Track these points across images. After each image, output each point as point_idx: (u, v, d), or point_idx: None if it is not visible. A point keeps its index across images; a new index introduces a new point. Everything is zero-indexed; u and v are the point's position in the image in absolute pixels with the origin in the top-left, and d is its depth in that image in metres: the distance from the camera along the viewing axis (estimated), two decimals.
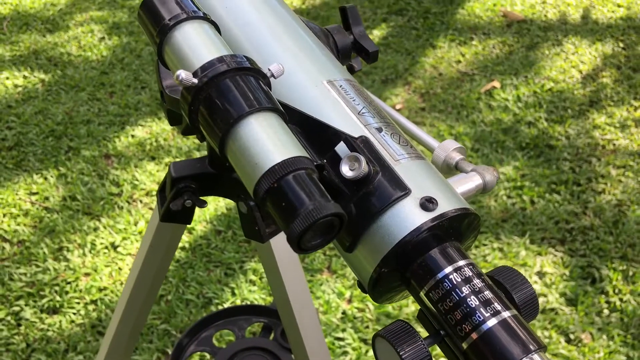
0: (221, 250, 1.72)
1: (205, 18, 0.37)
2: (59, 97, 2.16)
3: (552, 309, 1.60)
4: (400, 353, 0.32)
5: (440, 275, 0.34)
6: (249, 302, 1.61)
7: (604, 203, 1.84)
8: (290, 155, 0.33)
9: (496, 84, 2.24)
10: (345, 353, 1.52)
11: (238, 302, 1.61)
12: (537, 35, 2.49)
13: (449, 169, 0.43)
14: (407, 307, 1.61)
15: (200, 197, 0.60)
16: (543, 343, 0.33)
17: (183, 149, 1.98)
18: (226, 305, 1.61)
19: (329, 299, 1.63)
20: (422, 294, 0.35)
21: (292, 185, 0.32)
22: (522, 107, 2.15)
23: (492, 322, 0.32)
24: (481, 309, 0.33)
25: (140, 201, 1.83)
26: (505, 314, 0.33)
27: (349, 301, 1.63)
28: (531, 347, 0.32)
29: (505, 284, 0.35)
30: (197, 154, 1.96)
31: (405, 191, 0.35)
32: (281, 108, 0.35)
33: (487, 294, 0.33)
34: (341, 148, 0.36)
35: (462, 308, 0.33)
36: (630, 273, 1.67)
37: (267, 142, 0.33)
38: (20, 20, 2.52)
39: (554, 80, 2.27)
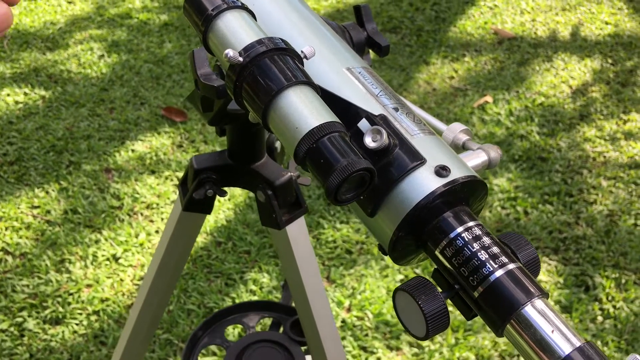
0: (221, 261, 1.74)
1: (244, 7, 0.42)
2: (60, 113, 2.19)
3: None
4: (420, 303, 0.36)
5: (452, 234, 0.38)
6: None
7: (596, 213, 1.88)
8: (325, 120, 0.37)
9: (489, 98, 2.30)
10: None
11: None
12: (527, 51, 2.56)
13: (457, 149, 0.47)
14: None
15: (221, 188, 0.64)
16: (545, 290, 0.37)
17: (182, 163, 2.01)
18: None
19: None
20: (437, 252, 0.39)
21: (328, 145, 0.36)
22: (515, 121, 2.21)
23: (499, 273, 0.36)
24: (490, 262, 0.37)
25: (141, 214, 1.85)
26: (511, 266, 0.37)
27: (348, 310, 1.66)
28: (535, 292, 0.36)
29: (511, 245, 0.39)
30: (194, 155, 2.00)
31: (421, 160, 0.39)
32: (314, 83, 0.40)
33: (495, 249, 0.37)
34: (363, 124, 0.40)
35: (473, 262, 0.37)
36: (623, 281, 1.71)
37: (304, 110, 0.37)
38: (20, 38, 2.57)
39: (544, 95, 2.33)
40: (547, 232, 1.83)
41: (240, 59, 0.38)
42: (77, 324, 1.59)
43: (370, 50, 0.54)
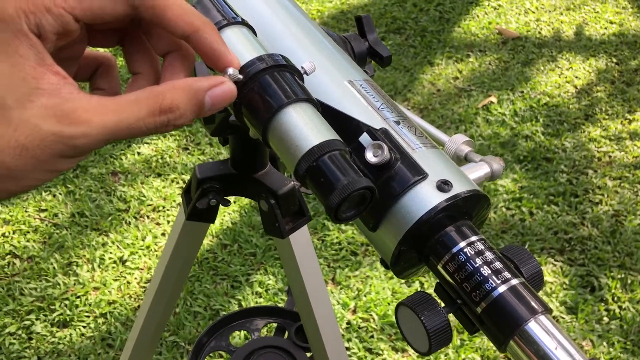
0: (227, 264, 1.75)
1: (244, 23, 0.42)
2: None
3: (553, 317, 1.64)
4: (422, 319, 0.36)
5: (455, 249, 0.38)
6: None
7: (601, 213, 1.88)
8: (325, 138, 0.38)
9: (493, 99, 2.30)
10: None
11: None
12: (532, 51, 2.55)
13: (459, 160, 0.47)
14: None
15: (224, 197, 0.64)
16: (549, 306, 0.37)
17: (188, 166, 2.02)
18: None
19: (334, 309, 1.66)
20: (439, 266, 0.39)
21: (328, 164, 0.36)
22: (519, 121, 2.21)
23: (502, 289, 0.37)
24: (493, 277, 0.37)
25: (147, 216, 1.86)
26: (514, 281, 0.37)
27: (354, 312, 1.66)
28: (538, 309, 0.36)
29: (514, 259, 0.39)
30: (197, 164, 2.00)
31: (422, 175, 0.40)
32: (315, 99, 0.40)
33: (498, 264, 0.37)
34: (364, 138, 0.41)
35: (475, 277, 0.37)
36: (629, 281, 1.71)
37: (304, 128, 0.38)
38: None
39: (549, 95, 2.33)
40: (552, 232, 1.83)
41: (240, 76, 0.39)
42: (84, 327, 1.60)
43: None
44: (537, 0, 2.87)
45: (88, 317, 1.62)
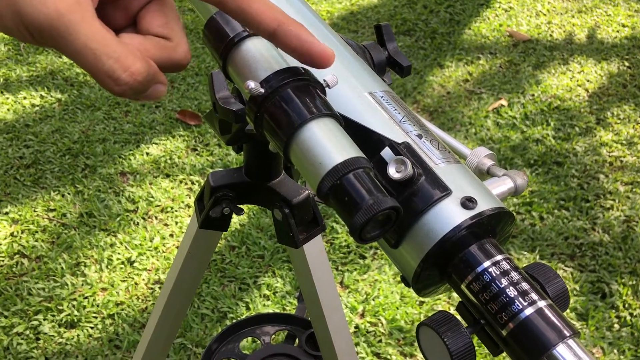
0: (235, 266, 1.74)
1: None
2: (76, 116, 2.20)
3: None
4: (445, 340, 0.35)
5: (479, 269, 0.37)
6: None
7: (613, 219, 1.86)
8: (349, 155, 0.36)
9: (503, 102, 2.28)
10: None
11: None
12: (543, 54, 2.53)
13: (481, 174, 0.46)
14: (420, 321, 1.63)
15: (237, 205, 0.63)
16: (577, 329, 0.36)
17: (197, 167, 2.01)
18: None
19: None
20: (462, 286, 0.38)
21: (353, 182, 0.35)
22: (530, 125, 2.19)
23: (529, 311, 0.36)
24: (519, 299, 0.36)
25: (156, 217, 1.86)
26: (541, 304, 0.36)
27: (362, 315, 1.65)
28: (566, 332, 0.35)
29: (539, 278, 0.38)
30: (211, 171, 2.00)
31: (446, 191, 0.39)
32: (338, 114, 0.39)
33: (524, 285, 0.36)
34: (386, 153, 0.40)
35: (501, 298, 0.36)
36: None
37: (328, 144, 0.37)
38: None
39: (560, 99, 2.31)
40: (562, 238, 1.82)
41: (262, 90, 0.38)
42: (92, 328, 1.60)
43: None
44: (549, 2, 2.85)
45: (96, 317, 1.61)
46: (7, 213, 1.85)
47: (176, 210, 1.88)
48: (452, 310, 1.67)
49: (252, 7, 0.37)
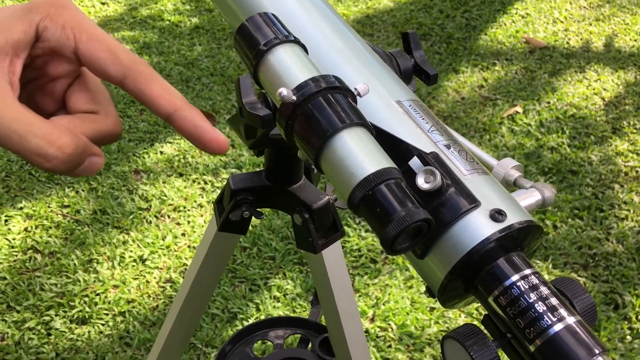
0: (246, 267, 1.74)
1: (296, 41, 0.41)
2: None
3: None
4: (472, 353, 0.35)
5: (507, 282, 0.37)
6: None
7: (627, 229, 1.85)
8: (381, 166, 0.36)
9: (519, 108, 2.27)
10: None
11: (262, 318, 1.63)
12: (559, 62, 2.52)
13: (508, 185, 0.46)
14: (430, 327, 1.62)
15: (257, 209, 0.63)
16: (606, 347, 0.35)
17: (210, 167, 2.02)
18: (250, 320, 1.63)
19: None
20: (490, 299, 0.38)
21: (385, 193, 0.35)
22: (545, 133, 2.18)
23: (558, 327, 0.35)
24: (548, 314, 0.35)
25: (168, 216, 1.86)
26: (571, 320, 0.36)
27: (372, 320, 1.65)
28: (596, 350, 0.35)
29: (567, 293, 0.37)
30: (224, 171, 2.00)
31: (475, 203, 0.38)
32: (369, 123, 0.39)
33: (553, 300, 0.36)
34: (415, 163, 0.39)
35: (530, 313, 0.36)
36: None
37: (360, 154, 0.37)
38: None
39: (576, 107, 2.30)
40: (576, 247, 1.80)
41: (294, 97, 0.38)
42: (103, 325, 1.60)
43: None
44: (566, 10, 2.84)
45: (107, 314, 1.62)
46: (21, 208, 1.86)
47: (189, 210, 1.88)
48: (463, 318, 1.67)
49: (149, 90, 0.39)
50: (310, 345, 0.96)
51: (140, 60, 0.40)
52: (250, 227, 1.87)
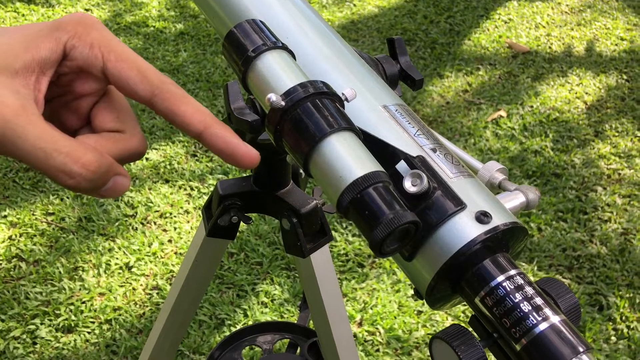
0: (233, 272, 1.74)
1: (284, 47, 0.41)
2: None
3: None
4: (459, 353, 0.35)
5: (493, 283, 0.38)
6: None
7: (610, 231, 1.87)
8: (369, 170, 0.37)
9: (503, 113, 2.29)
10: None
11: (250, 324, 1.63)
12: (542, 66, 2.55)
13: (493, 188, 0.47)
14: (417, 331, 1.63)
15: (245, 214, 0.64)
16: (590, 345, 0.36)
17: (196, 172, 2.01)
18: (238, 326, 1.63)
19: None
20: (476, 300, 0.38)
21: (373, 196, 0.36)
22: (528, 136, 2.20)
23: (543, 326, 0.36)
24: (533, 314, 0.36)
25: (154, 223, 1.86)
26: (555, 319, 0.36)
27: (360, 324, 1.65)
28: (580, 348, 0.35)
29: (551, 293, 0.38)
30: (210, 177, 2.00)
31: (461, 205, 0.39)
32: (357, 128, 0.39)
33: (538, 300, 0.37)
34: (402, 166, 0.40)
35: (515, 313, 0.36)
36: (637, 301, 1.70)
37: (348, 158, 0.37)
38: None
39: (559, 111, 2.32)
40: (560, 249, 1.82)
41: (283, 103, 0.38)
42: (89, 333, 1.59)
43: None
44: (548, 15, 2.88)
45: (93, 322, 1.61)
46: (5, 216, 1.84)
47: (175, 216, 1.88)
48: (450, 321, 1.68)
49: (180, 109, 0.39)
50: (299, 350, 0.97)
51: (169, 81, 0.40)
52: (237, 233, 1.87)
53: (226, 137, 0.39)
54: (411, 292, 1.72)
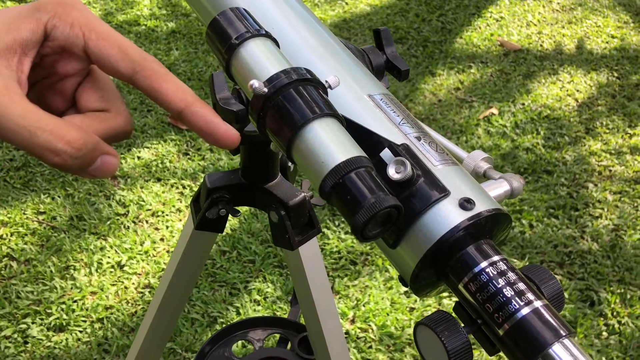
0: (226, 270, 1.74)
1: (268, 35, 0.41)
2: None
3: None
4: (443, 339, 0.35)
5: (476, 269, 0.38)
6: None
7: (601, 228, 1.88)
8: (352, 155, 0.37)
9: (494, 110, 2.30)
10: None
11: None
12: (533, 64, 2.56)
13: (478, 177, 0.47)
14: (410, 327, 1.63)
15: (234, 207, 0.64)
16: (572, 329, 0.36)
17: (188, 171, 2.01)
18: None
19: None
20: (460, 286, 0.38)
21: (355, 181, 0.36)
22: (520, 134, 2.21)
23: (525, 311, 0.36)
24: (516, 299, 0.36)
25: (146, 221, 1.85)
26: (537, 304, 0.36)
27: (352, 321, 1.65)
28: (562, 332, 0.36)
29: (535, 279, 0.38)
30: (202, 176, 1.99)
31: (445, 192, 0.39)
32: (340, 114, 0.40)
33: (521, 285, 0.37)
34: (386, 154, 0.40)
35: (498, 298, 0.37)
36: (628, 296, 1.71)
37: (330, 144, 0.37)
38: None
39: (550, 108, 2.33)
40: (552, 245, 1.83)
41: (265, 89, 0.38)
42: (80, 332, 1.59)
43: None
44: (539, 13, 2.89)
45: (85, 321, 1.60)
46: None
47: (167, 215, 1.87)
48: None
49: (162, 87, 0.39)
50: (289, 345, 0.97)
51: (150, 57, 0.40)
52: (229, 231, 1.87)
53: (207, 115, 0.39)
54: (404, 289, 1.72)
